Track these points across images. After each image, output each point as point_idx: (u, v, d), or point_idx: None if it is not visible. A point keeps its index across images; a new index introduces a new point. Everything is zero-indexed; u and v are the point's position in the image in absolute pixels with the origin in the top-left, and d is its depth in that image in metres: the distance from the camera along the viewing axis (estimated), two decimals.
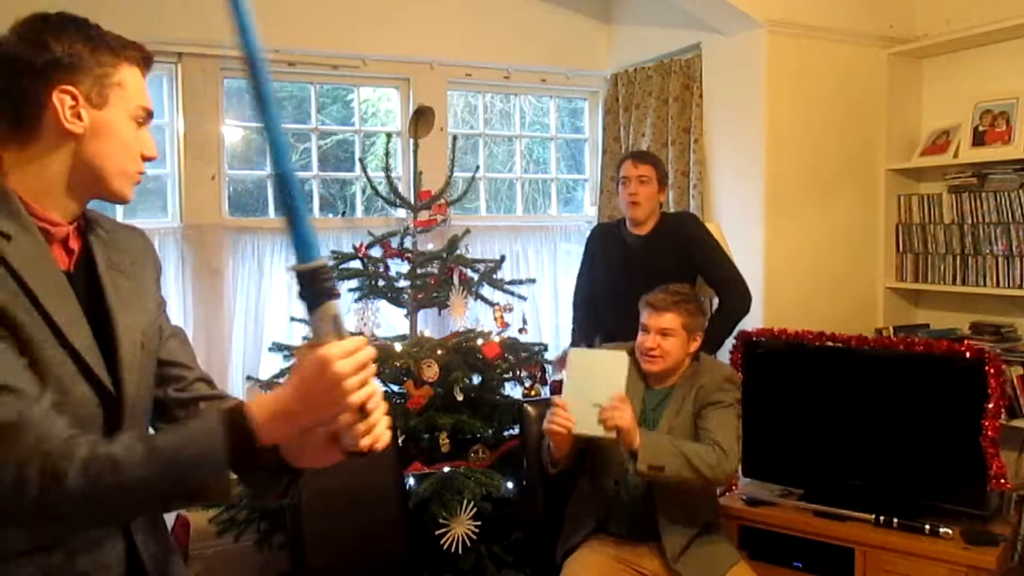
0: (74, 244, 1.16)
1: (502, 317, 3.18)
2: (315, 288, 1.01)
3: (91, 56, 1.13)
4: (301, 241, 1.02)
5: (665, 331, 2.40)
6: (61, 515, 1.02)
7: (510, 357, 3.10)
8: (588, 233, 3.36)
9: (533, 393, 3.16)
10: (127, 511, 1.10)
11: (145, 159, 1.20)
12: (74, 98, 1.11)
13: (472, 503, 2.66)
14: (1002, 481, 2.66)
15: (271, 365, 3.24)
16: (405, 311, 3.18)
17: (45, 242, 1.11)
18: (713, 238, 3.03)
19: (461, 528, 2.65)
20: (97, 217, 1.23)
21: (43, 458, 0.99)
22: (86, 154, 1.13)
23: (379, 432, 1.07)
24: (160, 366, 1.27)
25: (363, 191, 3.76)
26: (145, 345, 1.21)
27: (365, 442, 1.06)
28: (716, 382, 2.41)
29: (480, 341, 3.02)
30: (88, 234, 1.19)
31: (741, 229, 3.36)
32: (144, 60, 1.22)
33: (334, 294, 1.03)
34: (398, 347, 2.94)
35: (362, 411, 1.05)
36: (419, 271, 3.14)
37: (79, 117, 1.11)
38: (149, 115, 1.21)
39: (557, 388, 3.31)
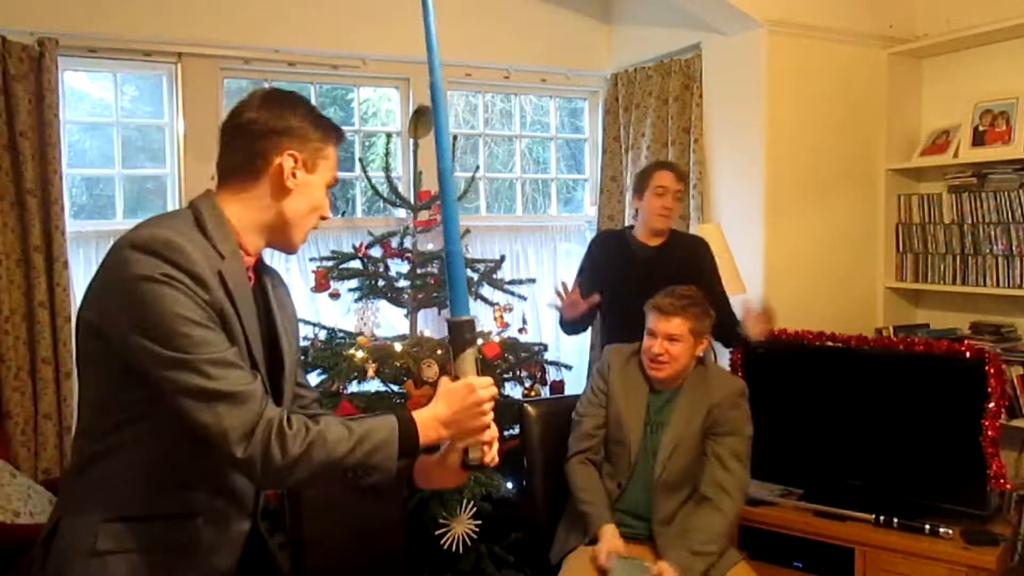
0: (252, 274, 1.40)
1: (502, 317, 3.18)
2: (462, 336, 1.36)
3: (314, 130, 1.38)
4: (458, 299, 1.37)
5: (672, 336, 2.36)
6: (273, 474, 1.23)
7: (510, 357, 3.10)
8: (590, 237, 3.33)
9: (533, 393, 3.16)
10: (320, 478, 1.29)
11: (322, 218, 1.44)
12: (296, 161, 1.35)
13: (472, 503, 2.66)
14: (1002, 481, 2.66)
15: None
16: (405, 311, 3.18)
17: (244, 267, 1.35)
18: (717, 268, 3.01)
19: (461, 528, 2.65)
20: (261, 256, 1.46)
21: (268, 424, 1.22)
22: (288, 206, 1.36)
23: (495, 452, 1.40)
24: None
25: (363, 191, 3.76)
26: (293, 368, 1.46)
27: (488, 457, 1.39)
28: (729, 399, 2.37)
29: (480, 341, 3.02)
30: (260, 269, 1.44)
31: (741, 229, 3.36)
32: (341, 140, 1.45)
33: (474, 342, 1.37)
34: (398, 347, 2.94)
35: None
36: (419, 271, 3.14)
37: (295, 176, 1.35)
38: (336, 183, 1.46)
39: (559, 388, 3.31)
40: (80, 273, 3.13)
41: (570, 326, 2.98)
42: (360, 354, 2.87)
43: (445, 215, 1.38)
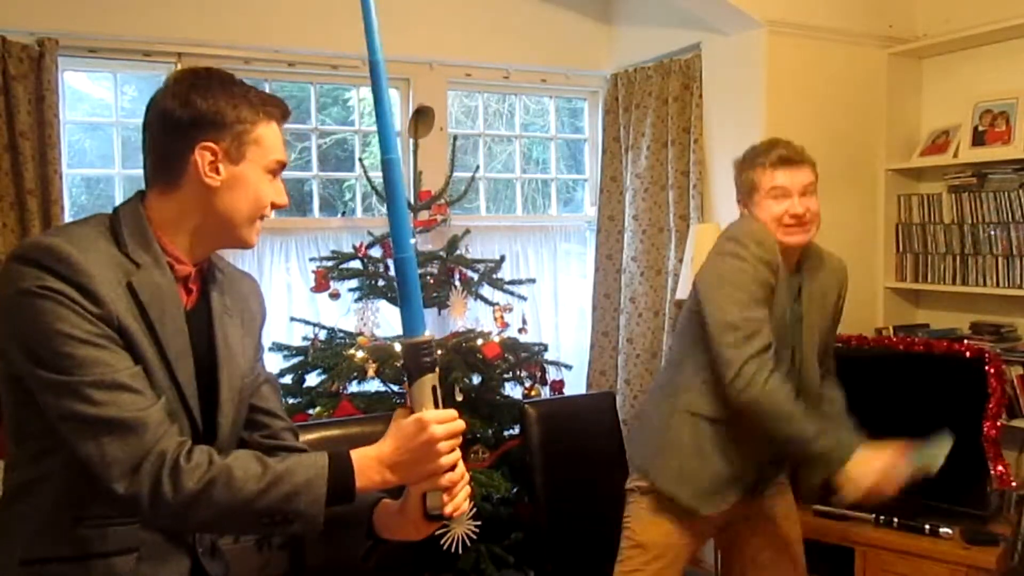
0: (194, 285, 1.26)
1: (502, 317, 3.18)
2: (417, 361, 1.15)
3: (232, 113, 1.21)
4: (413, 316, 1.17)
5: (809, 188, 2.04)
6: (164, 514, 1.09)
7: (510, 357, 3.10)
8: (590, 237, 3.30)
9: (533, 393, 3.16)
10: (225, 523, 1.16)
11: (275, 207, 1.30)
12: (214, 153, 1.20)
13: (472, 503, 2.66)
14: (1002, 481, 2.66)
15: (271, 365, 3.23)
16: None
17: (172, 277, 1.21)
18: None
19: (461, 528, 2.64)
20: (217, 262, 1.33)
21: (159, 456, 1.08)
22: (220, 204, 1.22)
23: (460, 501, 1.23)
24: (251, 411, 1.36)
25: (363, 192, 3.76)
26: (243, 391, 1.31)
27: (448, 509, 1.21)
28: (838, 274, 2.18)
29: (480, 341, 3.02)
30: (208, 279, 1.29)
31: None
32: (282, 115, 1.29)
33: (433, 368, 1.17)
34: (398, 347, 2.94)
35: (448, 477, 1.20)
36: (419, 271, 3.13)
37: (217, 171, 1.21)
38: (282, 166, 1.29)
39: (559, 388, 3.32)
40: None
41: None
42: (360, 354, 2.87)
43: (394, 217, 1.17)
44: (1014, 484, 2.86)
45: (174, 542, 1.22)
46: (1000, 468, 2.67)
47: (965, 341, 3.00)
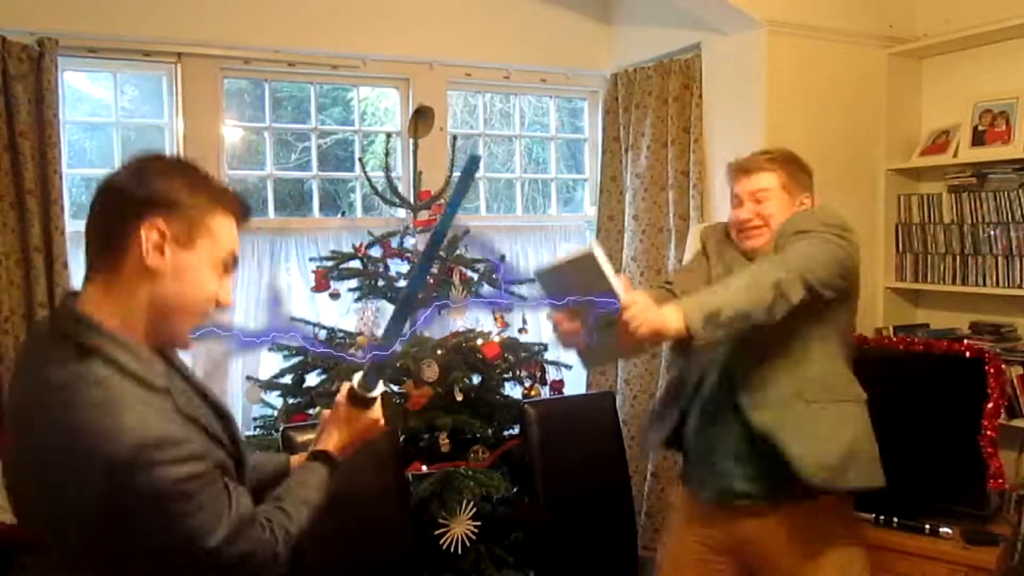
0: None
1: (502, 317, 3.18)
2: (365, 403, 1.45)
3: (189, 197, 1.15)
4: (370, 375, 1.43)
5: (759, 196, 2.06)
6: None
7: (510, 357, 3.10)
8: (590, 237, 3.28)
9: (533, 393, 3.16)
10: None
11: (219, 306, 1.22)
12: (161, 235, 1.12)
13: (472, 503, 2.66)
14: (1002, 481, 2.66)
15: (271, 365, 3.24)
16: None
17: (165, 364, 1.19)
18: None
19: (461, 528, 2.65)
20: None
21: (281, 539, 1.23)
22: (160, 294, 1.14)
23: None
24: None
25: (363, 191, 3.76)
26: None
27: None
28: (798, 221, 2.02)
29: (480, 341, 3.02)
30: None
31: None
32: (242, 213, 1.24)
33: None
34: (398, 347, 2.94)
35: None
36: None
37: (162, 253, 1.13)
38: (235, 261, 1.24)
39: (559, 388, 3.32)
40: (80, 273, 3.12)
41: None
42: (360, 354, 2.87)
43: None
44: (1013, 484, 2.87)
45: None
46: (999, 468, 2.67)
47: (965, 341, 3.00)
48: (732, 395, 2.03)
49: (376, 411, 1.46)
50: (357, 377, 1.45)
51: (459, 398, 2.85)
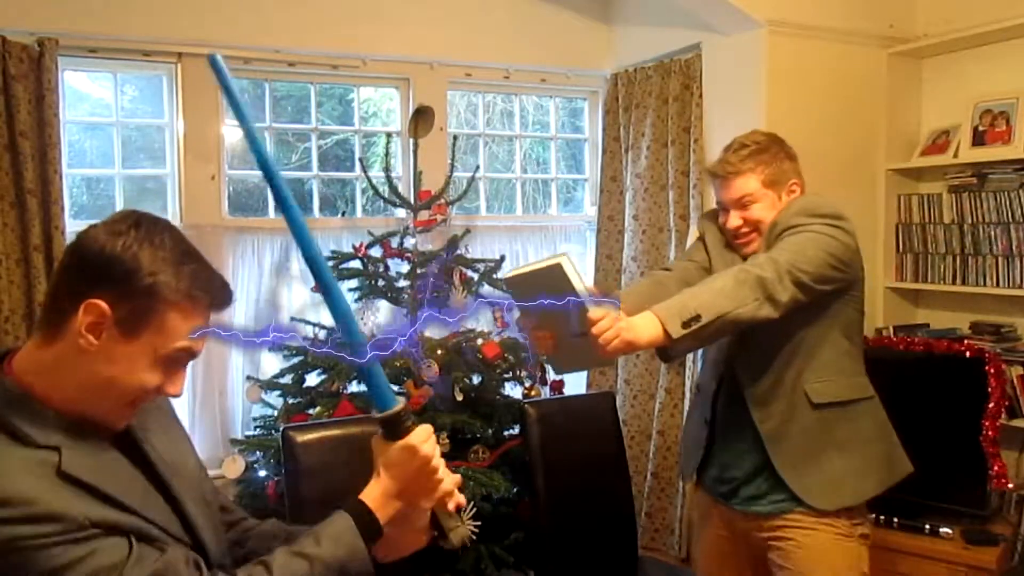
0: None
1: (502, 317, 3.18)
2: (399, 428, 1.17)
3: (147, 282, 1.02)
4: (379, 394, 1.16)
5: (743, 201, 2.00)
6: None
7: (510, 357, 3.10)
8: (590, 237, 3.26)
9: (533, 393, 3.16)
10: None
11: (161, 394, 1.10)
12: (101, 316, 1.01)
13: (472, 503, 2.66)
14: (1002, 481, 2.66)
15: (271, 365, 3.24)
16: (405, 311, 3.18)
17: (88, 433, 1.06)
18: None
19: (462, 530, 2.65)
20: None
21: None
22: (91, 372, 1.04)
23: (464, 531, 1.27)
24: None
25: (363, 191, 3.76)
26: (206, 495, 1.23)
27: (454, 540, 1.26)
28: (786, 216, 1.94)
29: (480, 341, 3.02)
30: None
31: None
32: (211, 306, 1.10)
33: (413, 428, 1.18)
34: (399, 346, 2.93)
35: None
36: (419, 271, 3.14)
37: (97, 337, 1.02)
38: (190, 355, 1.09)
39: (559, 388, 3.32)
40: None
41: None
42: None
43: (345, 327, 1.15)
44: (1013, 484, 2.87)
45: None
46: (1000, 468, 2.67)
47: (965, 341, 3.00)
48: (740, 401, 1.98)
49: (419, 437, 1.18)
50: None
51: (459, 398, 2.85)
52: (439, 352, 2.91)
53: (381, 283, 3.13)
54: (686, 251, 2.16)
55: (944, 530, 2.64)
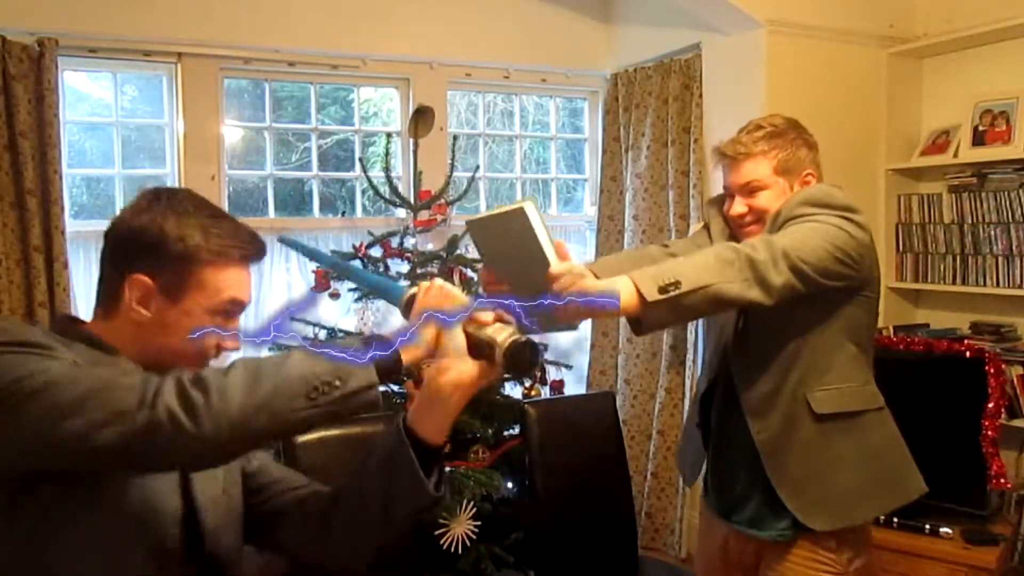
0: None
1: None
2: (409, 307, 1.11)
3: (181, 247, 1.08)
4: (391, 289, 1.20)
5: (751, 187, 1.83)
6: (207, 425, 0.90)
7: None
8: (590, 237, 3.27)
9: (533, 393, 3.16)
10: (272, 407, 0.93)
11: (220, 351, 1.16)
12: (147, 289, 1.09)
13: (472, 503, 2.66)
14: (1002, 481, 2.66)
15: None
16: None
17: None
18: None
19: (461, 528, 2.65)
20: None
21: (172, 379, 0.93)
22: (152, 341, 1.11)
23: (509, 331, 1.10)
24: (247, 479, 1.27)
25: (363, 191, 3.76)
26: (227, 490, 1.21)
27: (500, 341, 1.08)
28: (791, 205, 1.77)
29: None
30: None
31: None
32: (244, 257, 1.14)
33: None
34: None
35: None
36: (419, 271, 3.14)
37: (147, 308, 1.09)
38: (239, 306, 1.15)
39: (559, 387, 3.32)
40: (80, 273, 3.13)
41: None
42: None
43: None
44: (1012, 484, 2.87)
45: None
46: (1000, 468, 2.67)
47: (965, 341, 3.00)
48: (736, 407, 1.84)
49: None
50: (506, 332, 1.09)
51: None
52: None
53: None
54: (690, 235, 2.02)
55: (944, 530, 2.64)
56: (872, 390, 1.87)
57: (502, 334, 1.09)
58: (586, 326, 4.01)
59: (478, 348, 1.10)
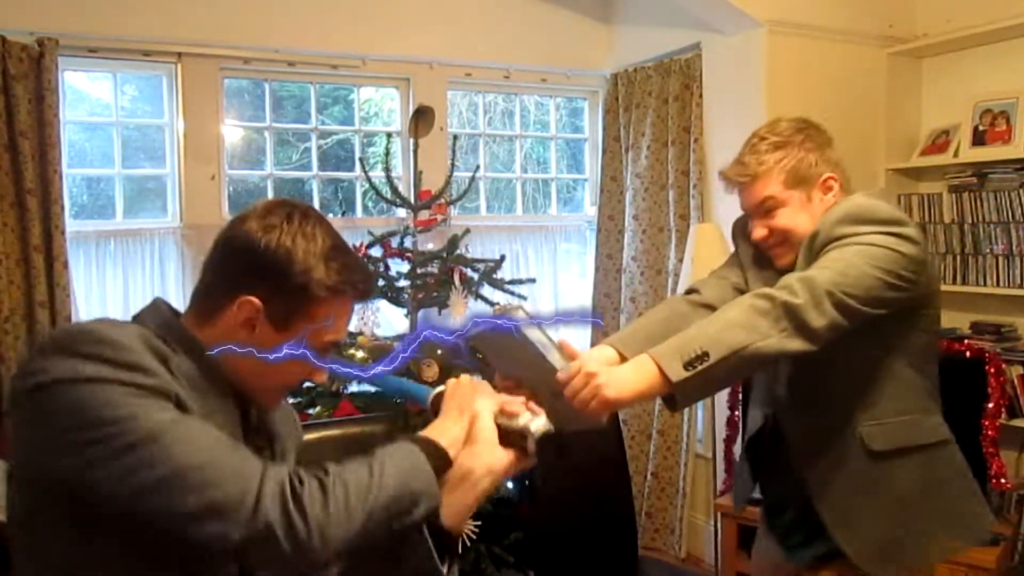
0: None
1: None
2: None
3: (302, 278, 1.03)
4: (417, 394, 1.25)
5: (766, 206, 1.67)
6: (303, 542, 0.91)
7: None
8: (590, 237, 3.27)
9: None
10: (364, 529, 0.97)
11: (309, 381, 1.14)
12: (256, 311, 1.03)
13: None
14: (1002, 481, 2.66)
15: None
16: (405, 311, 3.18)
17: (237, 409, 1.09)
18: None
19: (464, 527, 2.65)
20: None
21: (277, 484, 0.92)
22: (245, 360, 1.05)
23: (540, 421, 1.18)
24: None
25: (363, 191, 3.76)
26: None
27: (534, 431, 1.15)
28: (828, 225, 1.59)
29: None
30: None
31: None
32: (357, 295, 1.11)
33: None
34: (398, 347, 2.93)
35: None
36: (419, 271, 3.14)
37: (252, 330, 1.04)
38: (336, 346, 1.13)
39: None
40: (80, 273, 3.13)
41: None
42: (360, 354, 2.87)
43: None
44: (1012, 484, 2.87)
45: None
46: (1000, 468, 2.67)
47: (965, 341, 3.00)
48: (786, 446, 1.69)
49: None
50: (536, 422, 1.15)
51: None
52: (439, 352, 2.90)
53: (381, 283, 3.13)
54: (719, 269, 1.82)
55: None
56: (936, 421, 1.71)
57: (534, 424, 1.14)
58: (586, 328, 4.01)
59: (510, 438, 1.13)
